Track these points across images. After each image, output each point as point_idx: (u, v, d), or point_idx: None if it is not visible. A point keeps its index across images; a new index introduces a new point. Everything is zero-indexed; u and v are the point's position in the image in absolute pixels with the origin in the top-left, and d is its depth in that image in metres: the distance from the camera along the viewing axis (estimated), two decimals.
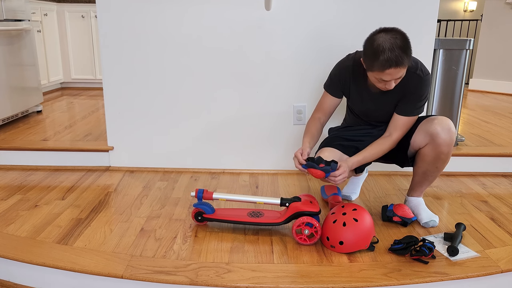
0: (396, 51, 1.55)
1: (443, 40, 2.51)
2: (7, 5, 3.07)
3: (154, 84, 2.43)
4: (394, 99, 1.80)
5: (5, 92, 3.02)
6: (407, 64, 1.60)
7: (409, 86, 1.73)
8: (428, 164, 1.81)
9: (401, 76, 1.63)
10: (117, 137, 2.53)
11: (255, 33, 2.34)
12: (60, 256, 1.57)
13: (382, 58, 1.56)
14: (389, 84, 1.65)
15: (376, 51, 1.57)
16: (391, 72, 1.59)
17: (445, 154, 1.76)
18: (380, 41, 1.57)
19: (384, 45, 1.56)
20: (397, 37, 1.58)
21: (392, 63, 1.56)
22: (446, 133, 1.72)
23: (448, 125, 1.73)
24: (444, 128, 1.73)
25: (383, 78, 1.62)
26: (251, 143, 2.51)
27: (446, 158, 1.78)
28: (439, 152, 1.75)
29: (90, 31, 4.61)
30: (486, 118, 3.55)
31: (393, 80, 1.63)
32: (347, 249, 1.61)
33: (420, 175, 1.88)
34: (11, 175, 2.43)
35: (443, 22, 6.64)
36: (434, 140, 1.74)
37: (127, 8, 2.32)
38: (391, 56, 1.55)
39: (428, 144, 1.77)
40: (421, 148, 1.81)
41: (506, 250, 1.66)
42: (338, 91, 1.89)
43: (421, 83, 1.72)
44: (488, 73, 5.06)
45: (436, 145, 1.74)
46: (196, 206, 1.80)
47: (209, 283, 1.43)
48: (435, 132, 1.73)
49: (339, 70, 1.86)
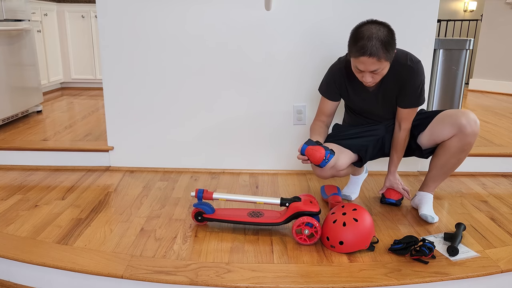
0: (373, 41, 1.57)
1: (443, 40, 2.51)
2: (7, 5, 3.07)
3: (154, 84, 2.43)
4: (392, 93, 1.81)
5: (5, 92, 3.02)
6: (383, 59, 1.60)
7: (403, 77, 1.76)
8: (451, 156, 1.84)
9: (377, 71, 1.63)
10: (117, 137, 2.53)
11: (255, 33, 2.34)
12: (60, 256, 1.57)
13: (359, 44, 1.59)
14: (365, 77, 1.66)
15: (356, 36, 1.61)
16: (365, 61, 1.60)
17: (471, 144, 1.81)
18: (364, 29, 1.61)
19: (365, 32, 1.59)
20: (381, 30, 1.60)
21: (366, 52, 1.58)
22: (473, 124, 1.77)
23: (474, 117, 1.79)
24: (471, 119, 1.77)
25: (358, 67, 1.65)
26: (251, 143, 2.51)
27: (469, 149, 1.83)
28: (466, 143, 1.79)
29: (90, 31, 4.61)
30: (486, 118, 3.55)
31: (368, 72, 1.64)
32: (347, 249, 1.61)
33: (438, 167, 1.90)
34: (11, 175, 2.43)
35: (443, 22, 6.64)
36: (462, 131, 1.77)
37: (127, 8, 2.32)
38: (367, 44, 1.57)
39: (455, 135, 1.80)
40: (446, 140, 1.83)
41: (506, 250, 1.66)
42: (335, 94, 1.91)
43: (413, 73, 1.74)
44: (488, 73, 5.05)
45: (464, 136, 1.78)
46: (196, 206, 1.80)
47: (209, 283, 1.43)
48: (463, 124, 1.76)
49: (333, 74, 1.88)
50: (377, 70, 1.64)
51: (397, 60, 1.75)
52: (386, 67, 1.67)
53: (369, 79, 1.67)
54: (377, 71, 1.65)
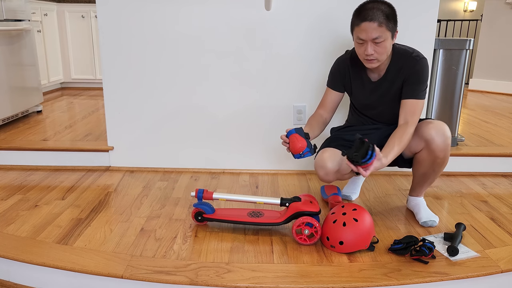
0: (374, 10, 1.64)
1: (443, 40, 2.51)
2: (7, 5, 3.07)
3: (154, 84, 2.43)
4: (396, 86, 1.78)
5: (5, 92, 3.02)
6: (384, 26, 1.63)
7: (408, 67, 1.74)
8: (426, 168, 1.81)
9: (379, 39, 1.64)
10: (117, 137, 2.53)
11: (255, 33, 2.34)
12: (60, 256, 1.57)
13: (360, 13, 1.66)
14: (367, 49, 1.67)
15: (359, 9, 1.68)
16: (366, 27, 1.63)
17: (441, 158, 1.75)
18: (366, 3, 1.68)
19: (368, 5, 1.66)
20: (383, 3, 1.66)
21: (367, 16, 1.63)
22: (440, 138, 1.70)
23: (442, 129, 1.70)
24: (439, 133, 1.70)
25: (360, 36, 1.67)
26: (251, 143, 2.51)
27: (442, 162, 1.77)
28: (435, 157, 1.74)
29: (90, 31, 4.61)
30: (486, 118, 3.55)
31: (370, 42, 1.65)
32: (347, 249, 1.61)
33: (419, 177, 1.88)
34: (11, 175, 2.43)
35: (443, 22, 6.64)
36: (429, 146, 1.72)
37: (127, 8, 2.32)
38: (368, 11, 1.64)
39: (423, 149, 1.76)
40: (417, 152, 1.80)
41: (506, 250, 1.66)
42: (338, 84, 1.91)
43: (418, 63, 1.73)
44: (488, 73, 5.05)
45: (431, 150, 1.73)
46: (196, 206, 1.80)
47: (209, 283, 1.43)
48: (429, 137, 1.71)
49: (337, 64, 1.91)
50: (378, 39, 1.63)
51: (403, 52, 1.76)
52: (388, 39, 1.66)
53: (371, 50, 1.66)
54: (379, 40, 1.64)
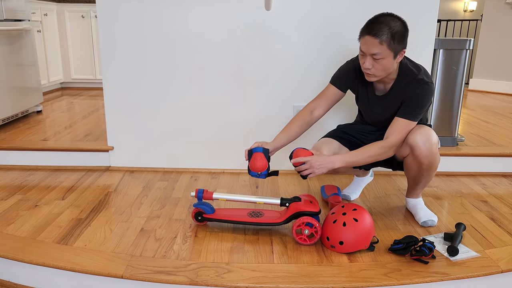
0: (383, 25, 1.58)
1: (443, 40, 2.51)
2: (7, 5, 3.07)
3: (154, 84, 2.43)
4: (398, 102, 1.75)
5: (5, 92, 3.02)
6: (385, 44, 1.58)
7: (412, 88, 1.69)
8: (414, 172, 1.80)
9: (377, 56, 1.60)
10: (117, 137, 2.53)
11: (255, 33, 2.34)
12: (60, 256, 1.57)
13: (370, 24, 1.62)
14: (366, 62, 1.64)
15: (372, 18, 1.65)
16: (368, 41, 1.60)
17: (426, 164, 1.73)
18: (380, 16, 1.63)
19: (380, 18, 1.62)
20: (394, 20, 1.61)
21: (372, 31, 1.59)
22: (424, 145, 1.67)
23: (427, 136, 1.67)
24: (422, 139, 1.67)
25: (361, 48, 1.65)
26: (251, 143, 2.51)
27: (429, 167, 1.75)
28: (420, 163, 1.73)
29: (90, 31, 4.61)
30: (486, 118, 3.55)
31: (369, 56, 1.62)
32: (347, 249, 1.61)
33: (410, 180, 1.88)
34: (11, 175, 2.43)
35: (443, 22, 6.64)
36: (413, 152, 1.71)
37: (127, 8, 2.32)
38: (376, 25, 1.60)
39: (409, 154, 1.75)
40: (404, 157, 1.79)
41: (506, 250, 1.66)
42: (343, 84, 1.87)
43: (420, 88, 1.68)
44: (488, 73, 5.05)
45: (415, 156, 1.72)
46: (196, 206, 1.80)
47: (209, 283, 1.43)
48: (414, 144, 1.69)
49: (348, 65, 1.87)
50: (377, 55, 1.60)
51: (409, 72, 1.71)
52: (388, 58, 1.62)
53: (368, 64, 1.63)
54: (377, 57, 1.61)
